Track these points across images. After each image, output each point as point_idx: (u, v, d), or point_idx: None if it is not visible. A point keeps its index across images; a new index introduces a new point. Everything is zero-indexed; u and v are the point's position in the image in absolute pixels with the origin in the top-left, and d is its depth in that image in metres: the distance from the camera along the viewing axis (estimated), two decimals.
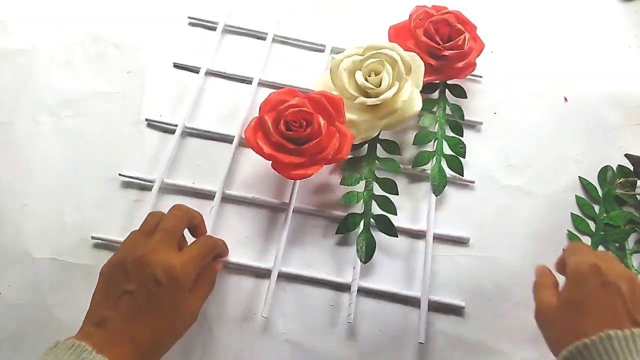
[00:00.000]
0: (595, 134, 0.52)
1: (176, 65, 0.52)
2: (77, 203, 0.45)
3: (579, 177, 0.49)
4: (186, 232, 0.39)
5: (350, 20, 0.57)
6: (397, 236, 0.44)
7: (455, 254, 0.45)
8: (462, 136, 0.50)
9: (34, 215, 0.44)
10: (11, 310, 0.40)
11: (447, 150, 0.49)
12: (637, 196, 0.48)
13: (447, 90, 0.53)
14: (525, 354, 0.41)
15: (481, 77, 0.54)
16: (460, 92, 0.52)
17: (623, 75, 0.56)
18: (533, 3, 0.61)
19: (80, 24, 0.54)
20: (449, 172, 0.48)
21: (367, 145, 0.48)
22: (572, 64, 0.56)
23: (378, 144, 0.48)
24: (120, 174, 0.45)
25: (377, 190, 0.46)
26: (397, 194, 0.46)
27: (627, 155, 0.50)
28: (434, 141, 0.49)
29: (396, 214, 0.45)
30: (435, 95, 0.52)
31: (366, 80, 0.44)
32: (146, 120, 0.49)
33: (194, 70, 0.52)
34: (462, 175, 0.48)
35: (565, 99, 0.54)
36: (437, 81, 0.51)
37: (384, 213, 0.45)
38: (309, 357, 0.40)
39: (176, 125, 0.48)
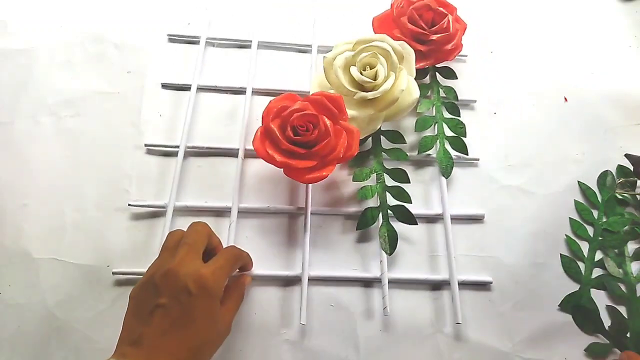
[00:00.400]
0: (595, 134, 0.52)
1: (165, 86, 0.51)
2: (77, 203, 0.45)
3: (578, 181, 0.49)
4: None
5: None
6: (417, 224, 0.44)
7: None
8: (459, 116, 0.51)
9: (34, 215, 0.44)
10: (11, 310, 0.40)
11: (447, 132, 0.50)
12: (638, 196, 0.48)
13: (437, 73, 0.53)
14: (525, 354, 0.41)
15: (466, 56, 0.55)
16: (450, 74, 0.53)
17: (623, 75, 0.56)
18: (533, 3, 0.61)
19: (80, 24, 0.54)
20: (453, 153, 0.49)
21: (371, 138, 0.49)
22: (572, 64, 0.56)
23: (381, 136, 0.49)
24: (130, 204, 0.44)
25: (389, 181, 0.46)
26: (409, 182, 0.46)
27: (627, 155, 0.50)
28: (434, 125, 0.50)
29: (411, 202, 0.45)
30: (427, 80, 0.53)
31: (362, 74, 0.44)
32: (145, 145, 0.48)
33: (184, 88, 0.51)
34: (467, 155, 0.49)
35: (565, 99, 0.54)
36: (427, 66, 0.51)
37: (400, 203, 0.45)
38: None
39: (177, 147, 0.47)
